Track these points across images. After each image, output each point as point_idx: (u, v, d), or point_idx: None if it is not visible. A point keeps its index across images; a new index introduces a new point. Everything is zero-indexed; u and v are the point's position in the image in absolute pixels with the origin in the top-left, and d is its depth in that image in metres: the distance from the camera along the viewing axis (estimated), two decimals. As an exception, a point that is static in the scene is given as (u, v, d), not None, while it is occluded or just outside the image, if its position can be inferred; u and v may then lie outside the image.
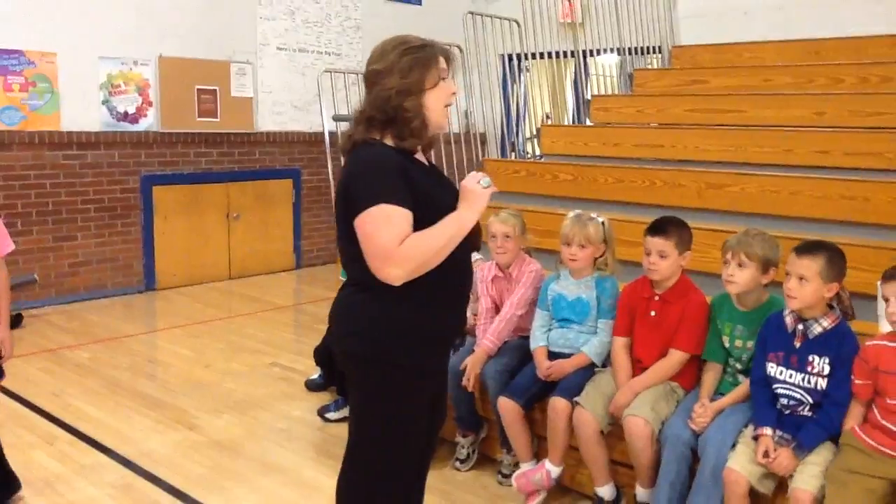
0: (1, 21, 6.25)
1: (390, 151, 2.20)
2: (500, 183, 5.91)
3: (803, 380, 2.68)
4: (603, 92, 7.85)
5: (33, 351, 5.33)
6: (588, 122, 6.82)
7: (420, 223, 2.11)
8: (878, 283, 2.63)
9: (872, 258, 3.45)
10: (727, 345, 2.99)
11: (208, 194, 7.52)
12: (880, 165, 4.59)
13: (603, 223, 3.35)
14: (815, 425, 2.63)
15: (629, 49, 7.44)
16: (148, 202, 7.12)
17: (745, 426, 2.78)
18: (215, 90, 7.52)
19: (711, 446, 2.73)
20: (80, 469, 3.56)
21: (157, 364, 5.20)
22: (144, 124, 7.08)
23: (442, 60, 2.26)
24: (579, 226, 3.30)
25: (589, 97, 6.99)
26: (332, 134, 6.25)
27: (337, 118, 5.50)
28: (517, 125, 9.24)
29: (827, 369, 2.63)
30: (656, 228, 3.09)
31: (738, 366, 2.98)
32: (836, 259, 2.64)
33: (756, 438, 2.66)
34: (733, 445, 2.72)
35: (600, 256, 3.34)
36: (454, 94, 2.29)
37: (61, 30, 6.54)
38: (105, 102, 6.83)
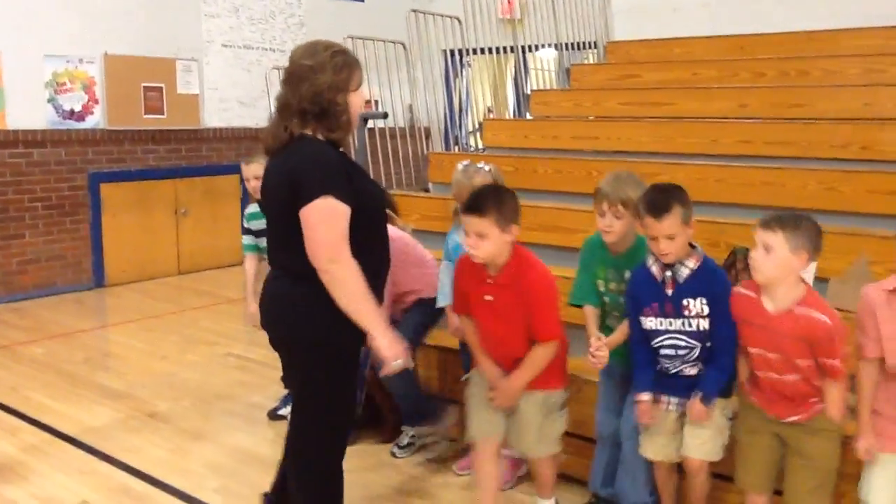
0: (-58, 20, 6.23)
1: (330, 147, 2.42)
2: (445, 175, 6.11)
3: (684, 324, 2.67)
4: (542, 86, 8.12)
5: (-10, 350, 5.39)
6: (528, 116, 7.08)
7: (358, 212, 2.35)
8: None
9: (787, 238, 3.77)
10: (602, 289, 2.95)
11: (156, 191, 7.58)
12: (795, 153, 4.94)
13: (490, 171, 3.28)
14: (712, 370, 2.67)
15: (566, 45, 7.72)
16: (96, 199, 7.16)
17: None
18: (161, 87, 7.58)
19: (627, 431, 2.87)
20: (45, 457, 3.68)
21: (113, 357, 5.30)
22: (91, 122, 7.11)
23: (360, 71, 2.49)
24: (465, 179, 3.23)
25: (528, 92, 7.25)
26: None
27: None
28: (460, 119, 9.49)
29: (705, 309, 2.64)
30: (470, 207, 2.65)
31: (616, 313, 2.95)
32: (687, 204, 2.63)
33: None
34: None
35: None
36: (365, 97, 2.54)
37: (5, 28, 6.54)
38: (51, 101, 6.84)
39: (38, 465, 3.59)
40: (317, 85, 2.39)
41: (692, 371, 2.71)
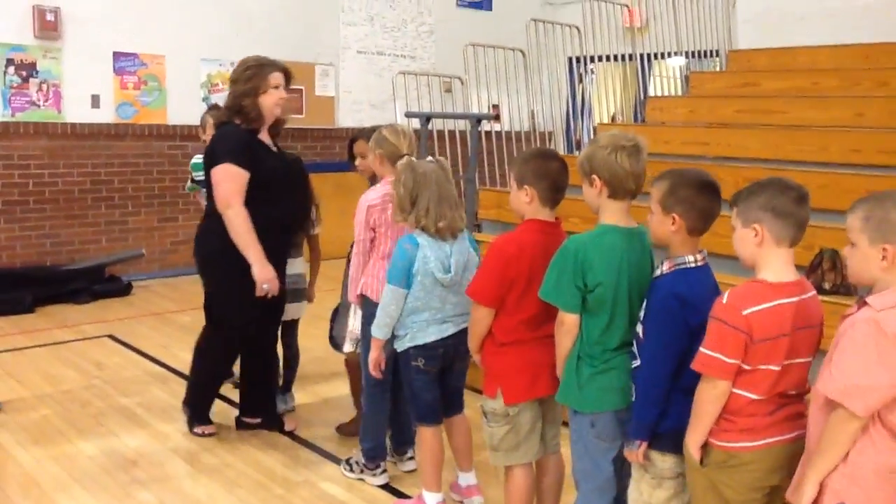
0: (120, 29, 7.14)
1: (242, 130, 3.53)
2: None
3: (637, 330, 2.31)
4: (668, 93, 8.23)
5: (143, 314, 6.15)
6: (646, 122, 7.25)
7: (253, 178, 3.45)
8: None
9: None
10: None
11: (292, 184, 8.26)
12: (909, 162, 4.93)
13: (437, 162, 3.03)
14: (635, 403, 2.26)
15: (689, 52, 7.83)
16: (240, 189, 7.90)
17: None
18: (301, 89, 8.27)
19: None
20: (188, 403, 4.27)
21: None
22: (238, 119, 7.87)
23: (276, 76, 3.56)
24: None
25: (643, 98, 7.42)
26: (405, 129, 6.88)
27: (408, 115, 6.09)
28: (582, 123, 9.72)
29: (640, 316, 2.29)
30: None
31: None
32: (673, 189, 2.21)
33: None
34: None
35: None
36: (282, 96, 3.58)
37: (169, 35, 7.38)
38: (205, 99, 7.64)
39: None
40: (234, 93, 3.54)
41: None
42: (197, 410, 3.90)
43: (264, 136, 3.64)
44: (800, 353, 2.08)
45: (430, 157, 3.06)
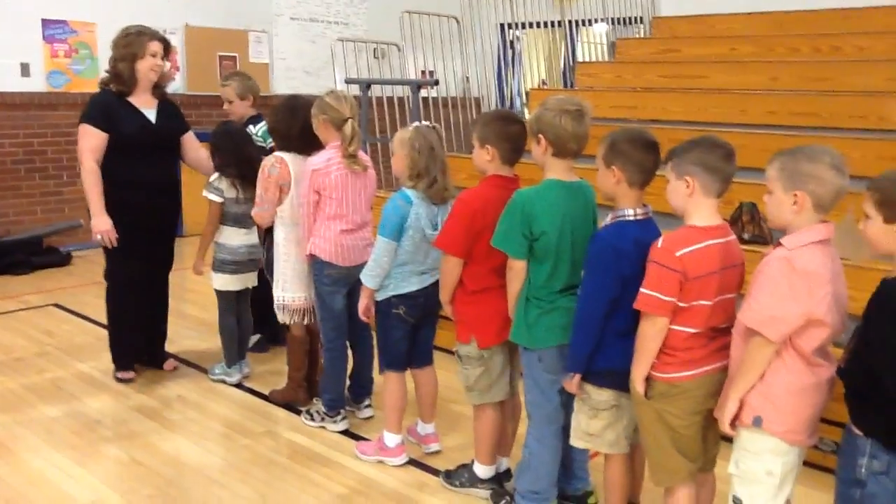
0: (48, -6, 6.98)
1: (110, 95, 3.92)
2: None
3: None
4: (594, 59, 8.52)
5: (85, 283, 6.17)
6: (576, 88, 7.52)
7: (111, 139, 3.83)
8: None
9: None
10: None
11: (229, 152, 8.26)
12: (817, 123, 5.33)
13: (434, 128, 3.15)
14: (570, 343, 2.53)
15: (615, 19, 8.11)
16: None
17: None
18: (235, 56, 8.26)
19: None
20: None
21: (195, 293, 6.01)
22: (172, 87, 7.76)
23: (154, 44, 3.93)
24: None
25: (572, 64, 7.69)
26: (342, 96, 6.96)
27: (348, 81, 6.20)
28: (512, 89, 9.95)
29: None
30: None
31: None
32: (613, 144, 2.42)
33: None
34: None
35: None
36: (158, 63, 3.95)
37: (100, 2, 7.26)
38: (138, 67, 7.56)
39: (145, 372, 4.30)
40: (111, 59, 3.92)
41: None
42: (116, 357, 4.20)
43: (138, 101, 3.97)
44: (728, 289, 2.35)
45: (426, 123, 3.15)
